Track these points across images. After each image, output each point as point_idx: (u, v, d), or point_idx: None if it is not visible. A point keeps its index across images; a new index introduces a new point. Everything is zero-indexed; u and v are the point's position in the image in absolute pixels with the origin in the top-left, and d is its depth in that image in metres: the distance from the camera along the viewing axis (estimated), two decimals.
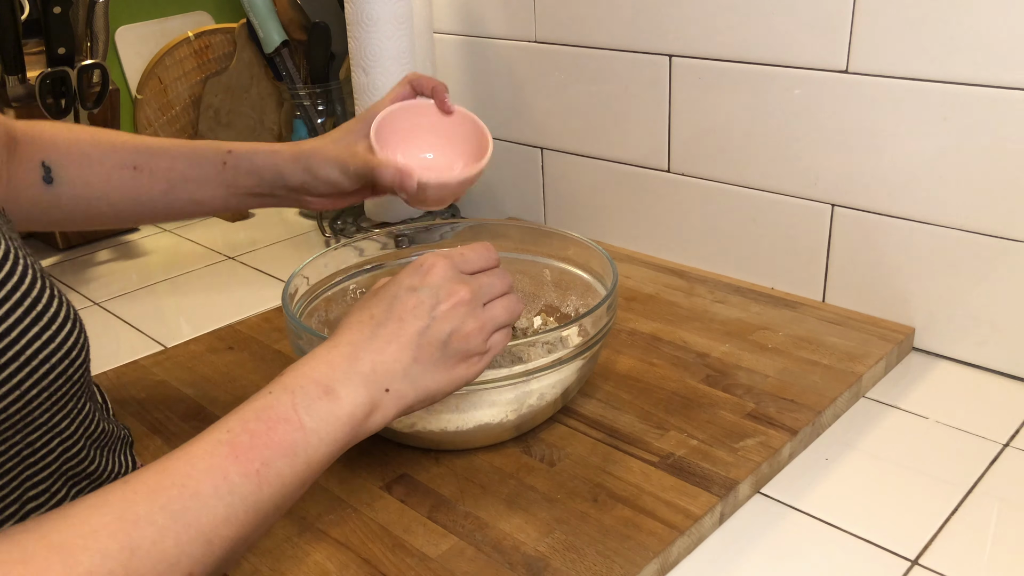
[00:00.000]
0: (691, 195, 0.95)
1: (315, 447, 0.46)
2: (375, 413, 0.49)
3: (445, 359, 0.53)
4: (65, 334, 0.47)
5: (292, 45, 1.21)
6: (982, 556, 0.57)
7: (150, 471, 0.41)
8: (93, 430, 0.52)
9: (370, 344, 0.51)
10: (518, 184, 1.12)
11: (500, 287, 0.57)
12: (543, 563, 0.55)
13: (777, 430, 0.67)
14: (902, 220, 0.80)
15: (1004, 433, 0.69)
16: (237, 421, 0.45)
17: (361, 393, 0.49)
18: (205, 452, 0.43)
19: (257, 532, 0.44)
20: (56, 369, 0.46)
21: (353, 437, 0.48)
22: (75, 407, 0.50)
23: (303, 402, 0.46)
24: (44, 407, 0.47)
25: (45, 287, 0.46)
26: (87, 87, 1.08)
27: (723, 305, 0.88)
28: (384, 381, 0.50)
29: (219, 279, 1.06)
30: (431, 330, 0.52)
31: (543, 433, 0.68)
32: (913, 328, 0.82)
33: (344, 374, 0.49)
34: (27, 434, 0.46)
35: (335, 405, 0.47)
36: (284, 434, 0.45)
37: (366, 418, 0.49)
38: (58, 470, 0.50)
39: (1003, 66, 0.70)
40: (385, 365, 0.50)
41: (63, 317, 0.47)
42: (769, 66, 0.84)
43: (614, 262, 0.71)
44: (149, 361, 0.83)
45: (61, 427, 0.49)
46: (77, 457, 0.51)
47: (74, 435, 0.50)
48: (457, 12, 1.10)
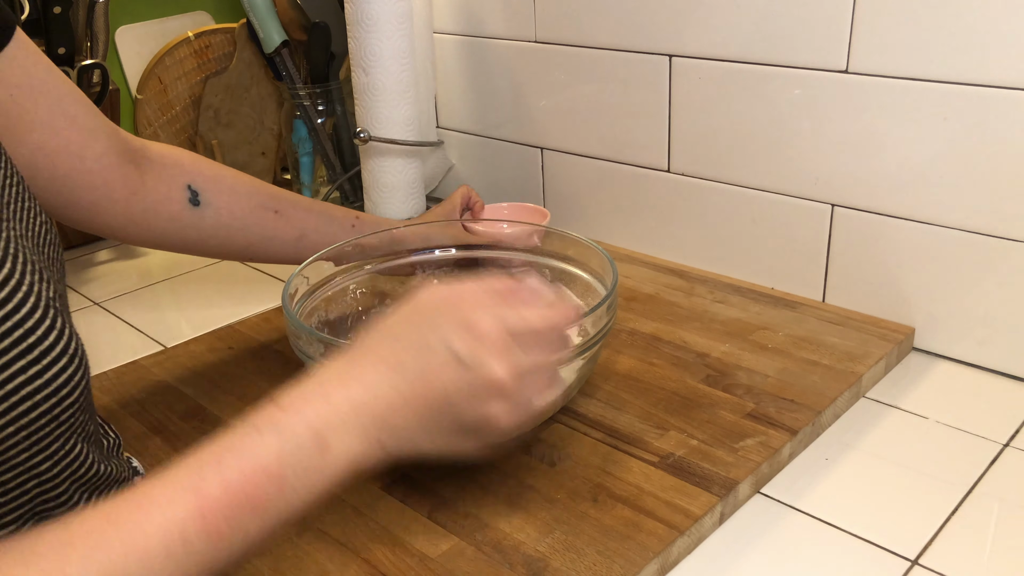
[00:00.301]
0: (691, 195, 0.95)
1: (291, 503, 0.41)
2: (366, 461, 0.45)
3: (453, 435, 0.48)
4: (56, 371, 0.43)
5: (292, 45, 1.21)
6: (982, 556, 0.57)
7: (98, 515, 0.37)
8: (83, 473, 0.48)
9: (383, 394, 0.45)
10: (518, 184, 1.12)
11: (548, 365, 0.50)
12: (543, 563, 0.55)
13: (777, 430, 0.67)
14: (902, 220, 0.80)
15: (1004, 433, 0.69)
16: (212, 465, 0.40)
17: (354, 445, 0.44)
18: (167, 500, 0.38)
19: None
20: (40, 408, 0.42)
21: (334, 488, 0.43)
22: (60, 449, 0.45)
23: (290, 452, 0.41)
24: (22, 447, 0.42)
25: (46, 317, 0.43)
26: (87, 87, 1.08)
27: (723, 305, 0.88)
28: (382, 435, 0.45)
29: (219, 279, 1.06)
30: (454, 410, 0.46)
31: (543, 433, 0.68)
32: (913, 328, 0.82)
33: (342, 421, 0.43)
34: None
35: (324, 459, 0.42)
36: (261, 491, 0.40)
37: (355, 464, 0.44)
38: (31, 510, 0.46)
39: (1003, 66, 0.70)
40: (389, 422, 0.45)
41: (59, 352, 0.43)
42: (769, 66, 0.84)
43: (614, 262, 0.71)
44: (149, 361, 0.83)
45: (41, 469, 0.44)
46: (57, 500, 0.47)
47: (56, 478, 0.46)
48: (457, 12, 1.10)
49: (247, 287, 1.03)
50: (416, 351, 0.46)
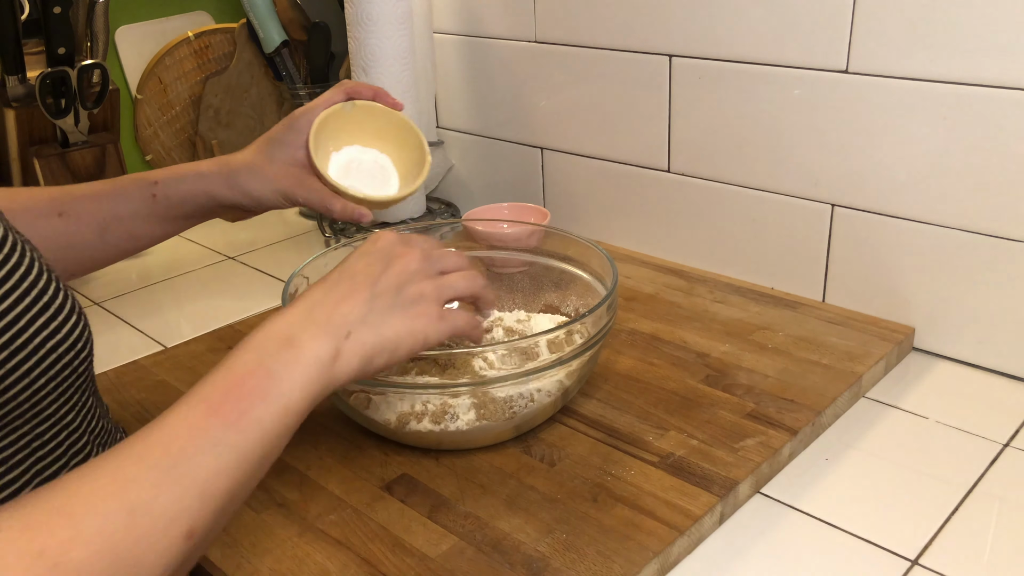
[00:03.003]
0: (691, 195, 0.95)
1: (287, 392, 0.46)
2: (340, 358, 0.49)
3: (401, 306, 0.53)
4: (71, 326, 0.47)
5: (292, 45, 1.21)
6: (982, 556, 0.57)
7: (133, 441, 0.41)
8: (95, 426, 0.53)
9: (325, 299, 0.51)
10: (518, 184, 1.12)
11: (456, 262, 0.58)
12: (543, 563, 0.55)
13: (777, 430, 0.67)
14: (902, 220, 0.80)
15: (1004, 433, 0.69)
16: (207, 383, 0.45)
17: (321, 339, 0.49)
18: (182, 415, 0.43)
19: (248, 483, 0.44)
20: (63, 360, 0.46)
21: (324, 381, 0.48)
22: (80, 400, 0.50)
23: (267, 354, 0.47)
24: (51, 398, 0.47)
25: (51, 279, 0.47)
26: (87, 87, 1.08)
27: (723, 305, 0.88)
28: (343, 327, 0.50)
29: (219, 279, 1.06)
30: (383, 281, 0.53)
31: (543, 433, 0.68)
32: (913, 328, 0.82)
33: (302, 326, 0.49)
34: (36, 424, 0.47)
35: (298, 352, 0.48)
36: (254, 384, 0.45)
37: (332, 362, 0.49)
38: (66, 464, 0.50)
39: (1003, 66, 0.70)
40: (342, 314, 0.51)
41: (68, 309, 0.47)
42: (769, 66, 0.84)
43: (614, 262, 0.71)
44: (149, 361, 0.83)
45: (67, 419, 0.49)
46: (83, 452, 0.51)
47: (79, 428, 0.51)
48: (457, 12, 1.10)
49: (247, 287, 1.03)
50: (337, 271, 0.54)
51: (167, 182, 0.68)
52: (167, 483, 0.40)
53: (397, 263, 0.55)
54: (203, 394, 0.44)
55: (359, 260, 0.55)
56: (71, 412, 0.49)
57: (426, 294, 0.55)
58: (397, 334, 0.53)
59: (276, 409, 0.45)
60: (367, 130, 0.72)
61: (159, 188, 0.68)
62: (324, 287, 0.53)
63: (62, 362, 0.47)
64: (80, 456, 0.51)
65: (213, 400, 0.44)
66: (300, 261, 0.74)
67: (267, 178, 0.68)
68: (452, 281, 0.57)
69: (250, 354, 0.47)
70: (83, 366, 0.49)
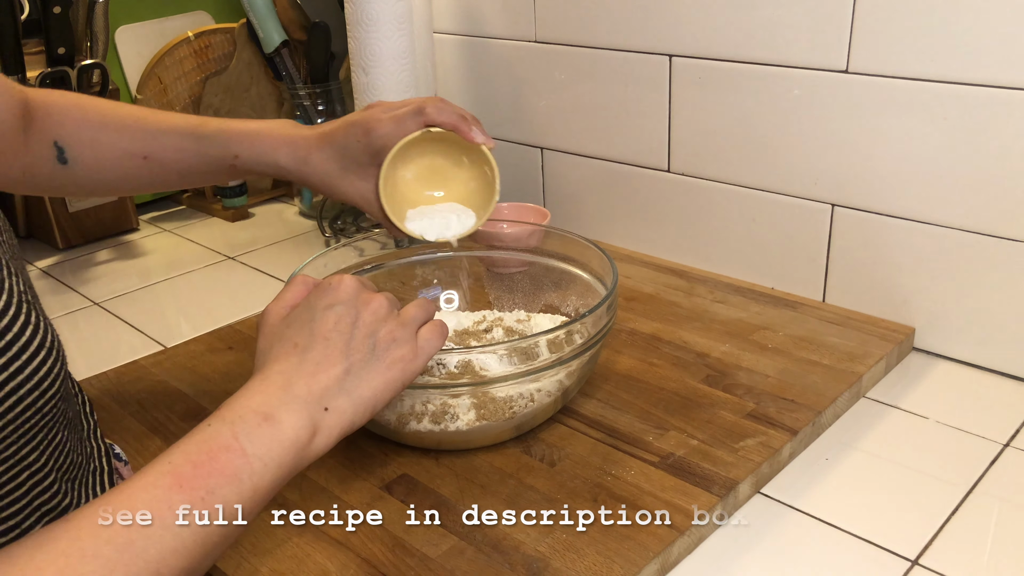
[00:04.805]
0: (691, 195, 0.95)
1: (260, 473, 0.45)
2: (318, 435, 0.49)
3: (376, 362, 0.53)
4: (36, 365, 0.44)
5: (292, 45, 1.21)
6: (982, 556, 0.57)
7: (93, 507, 0.40)
8: (63, 462, 0.50)
9: (300, 369, 0.50)
10: (518, 184, 1.12)
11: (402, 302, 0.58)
12: (543, 563, 0.55)
13: (777, 430, 0.67)
14: (902, 220, 0.80)
15: (1004, 433, 0.69)
16: (178, 454, 0.44)
17: (301, 416, 0.48)
18: (148, 484, 0.42)
19: (206, 562, 0.43)
20: (25, 401, 0.44)
21: (298, 461, 0.48)
22: (45, 438, 0.47)
23: (243, 430, 0.46)
24: (10, 440, 0.45)
25: (20, 313, 0.44)
26: (87, 87, 1.08)
27: (723, 305, 0.88)
28: (322, 401, 0.50)
29: (219, 279, 1.06)
30: (356, 339, 0.52)
31: (543, 433, 0.68)
32: (913, 328, 0.82)
33: (280, 400, 0.48)
34: None
35: (276, 430, 0.47)
36: (227, 462, 0.44)
37: (309, 441, 0.48)
38: (29, 504, 0.48)
39: (1003, 66, 0.70)
40: (320, 385, 0.50)
41: (37, 346, 0.45)
42: (769, 66, 0.84)
43: (614, 262, 0.71)
44: (149, 361, 0.83)
45: (30, 460, 0.47)
46: (49, 491, 0.49)
47: (44, 467, 0.48)
48: (457, 12, 1.10)
49: (247, 287, 1.03)
50: (307, 329, 0.53)
51: (246, 158, 0.71)
52: (122, 560, 0.39)
53: (365, 311, 0.54)
54: (174, 463, 0.43)
55: (327, 316, 0.53)
56: (34, 452, 0.47)
57: (398, 337, 0.54)
58: (374, 392, 0.52)
59: (245, 490, 0.44)
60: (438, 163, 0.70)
61: (238, 161, 0.71)
62: (297, 352, 0.51)
63: (24, 403, 0.44)
64: (46, 496, 0.49)
65: (182, 474, 0.43)
66: (300, 261, 0.74)
67: (339, 191, 0.70)
68: (413, 314, 0.56)
69: (226, 427, 0.46)
70: (49, 405, 0.46)
